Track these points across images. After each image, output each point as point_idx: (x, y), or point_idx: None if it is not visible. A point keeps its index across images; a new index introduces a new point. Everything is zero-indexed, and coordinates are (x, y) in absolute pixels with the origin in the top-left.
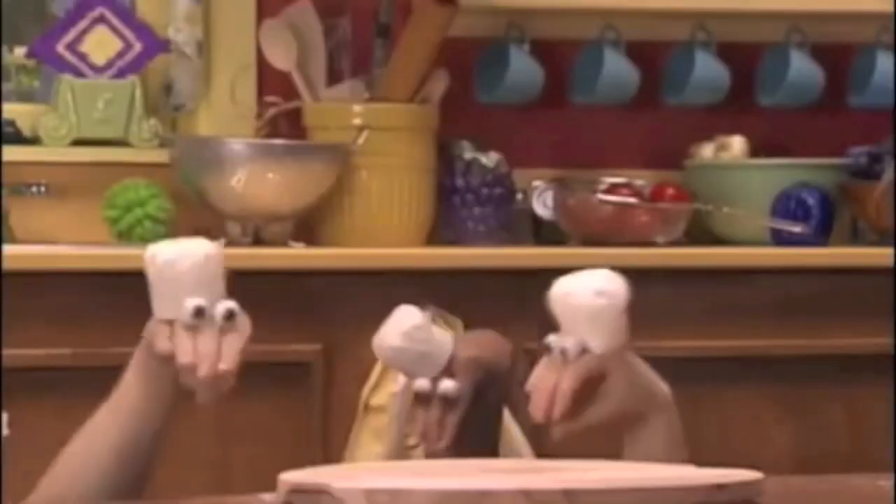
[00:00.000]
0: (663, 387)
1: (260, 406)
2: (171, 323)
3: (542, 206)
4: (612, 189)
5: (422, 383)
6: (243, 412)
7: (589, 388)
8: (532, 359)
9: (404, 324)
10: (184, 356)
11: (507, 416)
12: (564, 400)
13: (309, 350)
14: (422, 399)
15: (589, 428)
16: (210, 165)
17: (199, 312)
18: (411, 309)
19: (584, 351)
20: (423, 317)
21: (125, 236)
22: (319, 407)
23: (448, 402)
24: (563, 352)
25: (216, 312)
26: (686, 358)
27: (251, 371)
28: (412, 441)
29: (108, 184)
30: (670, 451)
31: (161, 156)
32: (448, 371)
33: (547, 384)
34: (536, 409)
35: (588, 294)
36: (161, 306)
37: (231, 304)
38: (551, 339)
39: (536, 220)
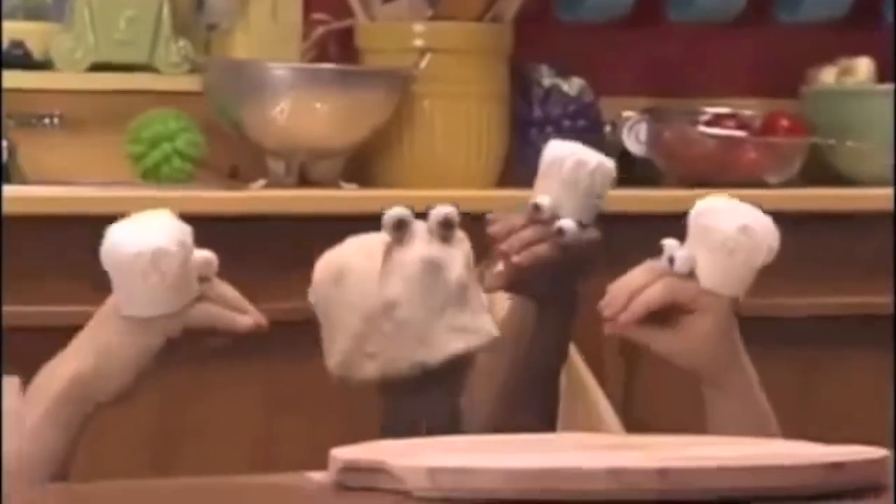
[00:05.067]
0: (749, 369)
1: (308, 372)
2: None
3: (634, 140)
4: (716, 120)
5: (545, 199)
6: (289, 379)
7: (671, 313)
8: None
9: (591, 153)
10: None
11: (597, 389)
12: (638, 307)
13: None
14: (529, 217)
15: (644, 346)
16: (248, 94)
17: None
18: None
19: (691, 274)
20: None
21: (151, 175)
22: None
23: (554, 235)
24: (671, 260)
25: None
26: (803, 317)
27: (297, 332)
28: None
29: (131, 115)
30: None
31: (192, 83)
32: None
33: (633, 284)
34: (607, 304)
35: (732, 222)
36: None
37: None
38: (668, 241)
39: (627, 157)
